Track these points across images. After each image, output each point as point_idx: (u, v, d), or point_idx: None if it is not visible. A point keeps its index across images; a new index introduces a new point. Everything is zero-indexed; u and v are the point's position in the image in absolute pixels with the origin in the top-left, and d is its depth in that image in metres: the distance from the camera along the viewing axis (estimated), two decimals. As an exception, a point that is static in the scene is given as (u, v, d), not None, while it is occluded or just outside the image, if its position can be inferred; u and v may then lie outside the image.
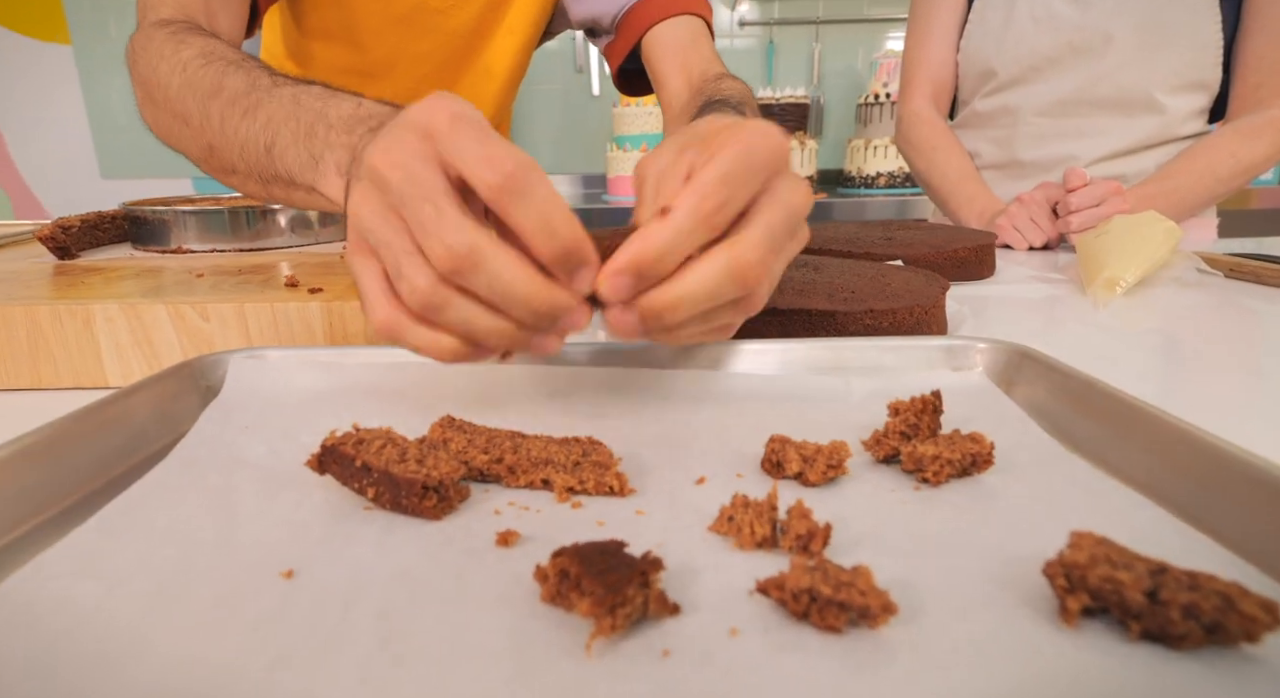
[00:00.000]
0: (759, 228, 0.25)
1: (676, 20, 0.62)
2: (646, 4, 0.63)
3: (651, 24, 0.62)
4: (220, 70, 0.40)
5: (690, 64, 0.61)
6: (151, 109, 0.43)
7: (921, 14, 0.93)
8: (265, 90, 0.38)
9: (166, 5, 0.48)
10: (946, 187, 0.88)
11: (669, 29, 0.62)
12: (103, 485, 0.25)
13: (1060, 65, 0.82)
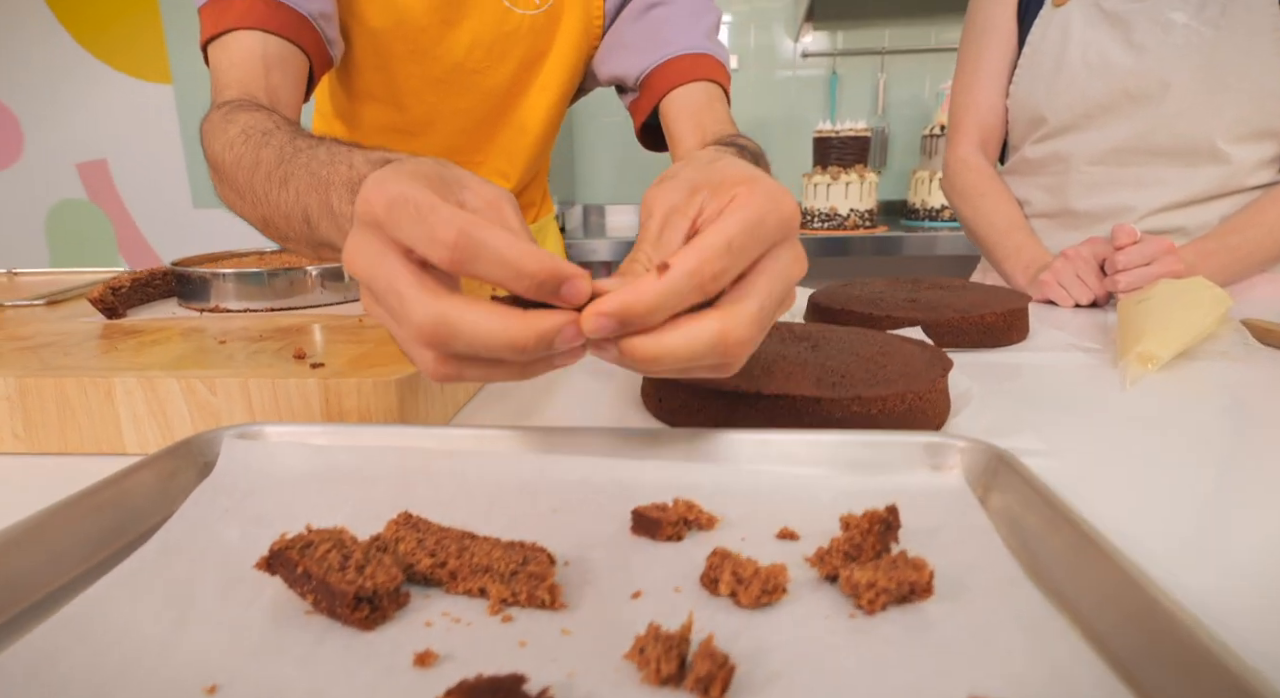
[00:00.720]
0: (753, 302, 0.25)
1: (694, 85, 0.63)
2: (667, 68, 0.64)
3: (670, 87, 0.63)
4: (258, 144, 0.43)
5: (704, 126, 0.62)
6: (218, 185, 0.47)
7: (969, 57, 0.91)
8: (289, 159, 0.41)
9: (230, 87, 0.52)
10: (993, 236, 0.85)
11: (686, 92, 0.63)
12: (94, 567, 0.28)
13: (1115, 112, 0.79)
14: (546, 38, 0.69)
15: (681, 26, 0.65)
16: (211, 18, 0.54)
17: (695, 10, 0.66)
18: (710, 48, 0.65)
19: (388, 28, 0.65)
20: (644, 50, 0.65)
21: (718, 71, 0.65)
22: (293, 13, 0.55)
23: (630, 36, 0.67)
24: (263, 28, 0.53)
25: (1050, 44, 0.83)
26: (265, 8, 0.53)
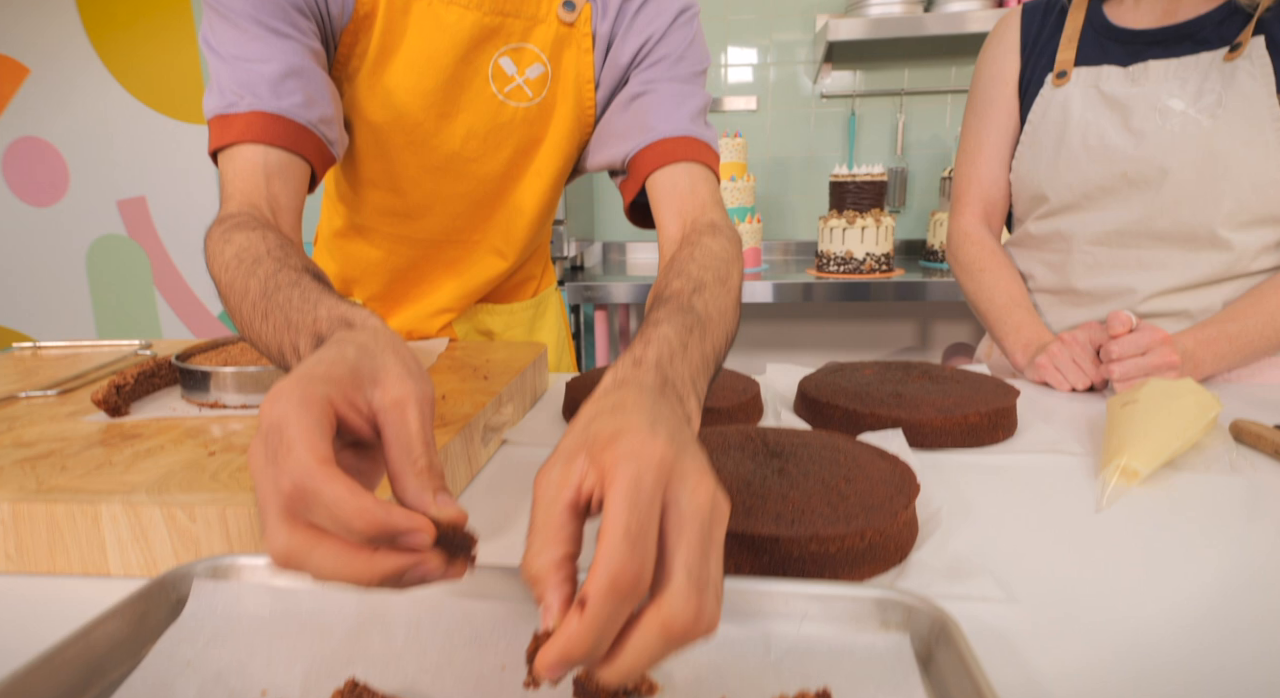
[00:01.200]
0: (680, 576, 0.25)
1: (677, 167, 0.64)
2: (651, 150, 0.65)
3: (654, 169, 0.64)
4: (247, 271, 0.45)
5: (685, 211, 0.63)
6: (220, 299, 0.49)
7: (972, 130, 0.91)
8: (270, 295, 0.42)
9: (233, 199, 0.54)
10: (994, 312, 0.84)
11: (670, 175, 0.64)
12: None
13: (1115, 195, 0.78)
14: (540, 127, 0.71)
15: (666, 111, 0.66)
16: (218, 131, 0.57)
17: (680, 96, 0.67)
18: (694, 130, 0.66)
19: (387, 122, 0.67)
20: (630, 136, 0.67)
21: (703, 153, 0.65)
22: (292, 124, 0.57)
23: (619, 125, 0.69)
24: (263, 141, 0.56)
25: (1050, 123, 0.82)
26: (266, 122, 0.56)
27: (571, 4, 0.67)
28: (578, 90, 0.69)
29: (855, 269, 1.85)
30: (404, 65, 0.65)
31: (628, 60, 0.68)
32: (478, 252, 0.78)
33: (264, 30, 0.58)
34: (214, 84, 0.58)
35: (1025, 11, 0.88)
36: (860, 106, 2.18)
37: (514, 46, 0.67)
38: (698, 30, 0.70)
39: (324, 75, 0.61)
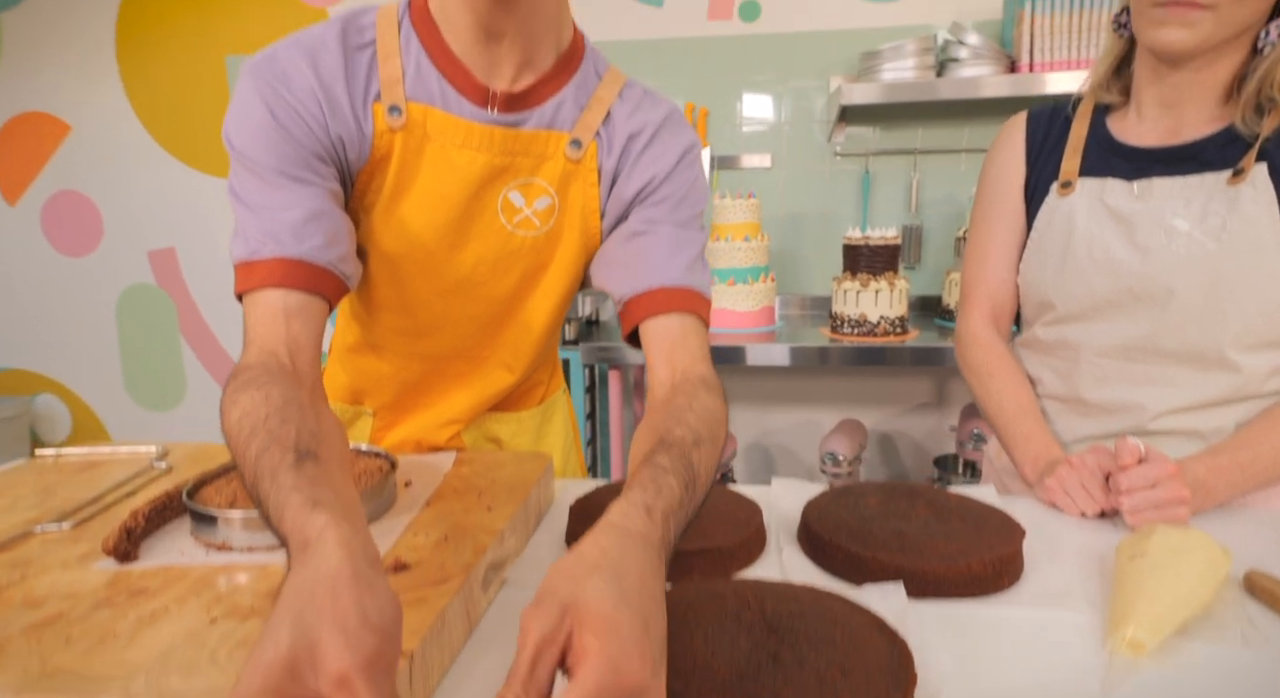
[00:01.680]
0: None
1: (670, 317, 0.65)
2: (648, 297, 0.66)
3: (647, 316, 0.65)
4: (244, 442, 0.46)
5: (675, 359, 0.64)
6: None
7: (979, 233, 0.91)
8: (255, 481, 0.44)
9: (253, 344, 0.56)
10: (1002, 419, 0.84)
11: (662, 324, 0.65)
12: None
13: (1122, 309, 0.78)
14: (548, 252, 0.72)
15: (661, 259, 0.67)
16: (243, 276, 0.59)
17: (678, 242, 0.68)
18: (689, 280, 0.67)
19: (401, 252, 0.69)
20: (626, 276, 0.68)
21: (696, 303, 0.67)
22: (312, 267, 0.59)
23: (619, 256, 0.70)
24: (284, 286, 0.58)
25: (1056, 232, 0.82)
26: (286, 267, 0.58)
27: (578, 142, 0.68)
28: (584, 219, 0.71)
29: (869, 332, 1.84)
30: (418, 201, 0.67)
31: (631, 196, 0.70)
32: (487, 366, 0.79)
33: (286, 180, 0.60)
34: (240, 231, 0.60)
35: (1031, 118, 0.89)
36: (874, 164, 2.19)
37: (523, 182, 0.68)
38: (699, 170, 0.72)
39: (342, 215, 0.64)
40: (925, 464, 2.29)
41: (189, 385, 2.63)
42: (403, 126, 0.65)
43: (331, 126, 0.62)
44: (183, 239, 2.52)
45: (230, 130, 0.61)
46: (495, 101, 0.66)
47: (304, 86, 0.61)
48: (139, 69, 2.41)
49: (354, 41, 0.64)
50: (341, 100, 0.63)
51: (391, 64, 0.64)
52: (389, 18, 0.66)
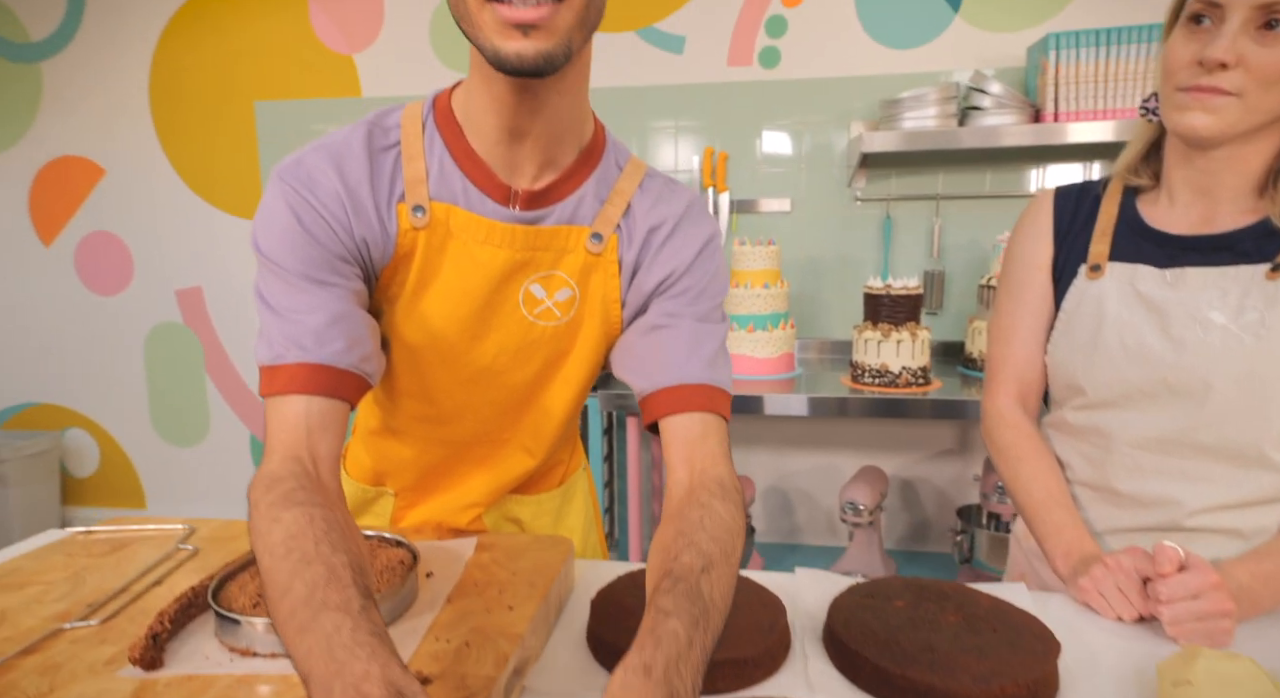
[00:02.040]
0: None
1: (690, 416, 0.65)
2: (668, 394, 0.66)
3: (667, 414, 0.65)
4: (292, 570, 0.46)
5: (695, 459, 0.64)
6: (261, 582, 0.50)
7: (1005, 310, 0.90)
8: (314, 612, 0.43)
9: (276, 451, 0.57)
10: (1032, 506, 0.82)
11: (683, 422, 0.65)
12: None
13: (1156, 400, 0.76)
14: (568, 341, 0.73)
15: (681, 355, 0.67)
16: (267, 380, 0.60)
17: (698, 337, 0.68)
18: (709, 377, 0.67)
19: (422, 343, 0.70)
20: (646, 370, 0.68)
21: (716, 401, 0.66)
22: (334, 372, 0.60)
23: (640, 349, 0.70)
24: (307, 392, 0.58)
25: (1085, 316, 0.81)
26: (309, 373, 0.59)
27: (599, 236, 0.69)
28: (605, 309, 0.71)
29: (891, 382, 1.82)
30: (440, 295, 0.68)
31: (651, 288, 0.70)
32: (507, 449, 0.80)
33: (310, 283, 0.61)
34: (264, 334, 0.61)
35: (1058, 196, 0.88)
36: (895, 209, 2.19)
37: (543, 275, 0.69)
38: (720, 260, 0.72)
39: (364, 315, 0.65)
40: (948, 513, 2.26)
41: (212, 422, 2.66)
42: (426, 225, 0.65)
43: (356, 229, 0.63)
44: (209, 279, 2.57)
45: (258, 234, 0.63)
46: (517, 200, 0.66)
47: (329, 191, 0.62)
48: (170, 114, 2.48)
49: (379, 144, 0.65)
50: (366, 203, 0.64)
51: (415, 165, 0.65)
52: (413, 118, 0.67)
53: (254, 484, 0.55)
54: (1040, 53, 1.92)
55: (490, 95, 0.61)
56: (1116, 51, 1.85)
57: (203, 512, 2.68)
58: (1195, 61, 0.71)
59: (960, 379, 1.97)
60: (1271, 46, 0.67)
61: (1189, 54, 0.71)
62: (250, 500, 0.54)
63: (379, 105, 2.02)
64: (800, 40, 2.16)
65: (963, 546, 1.96)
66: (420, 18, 2.30)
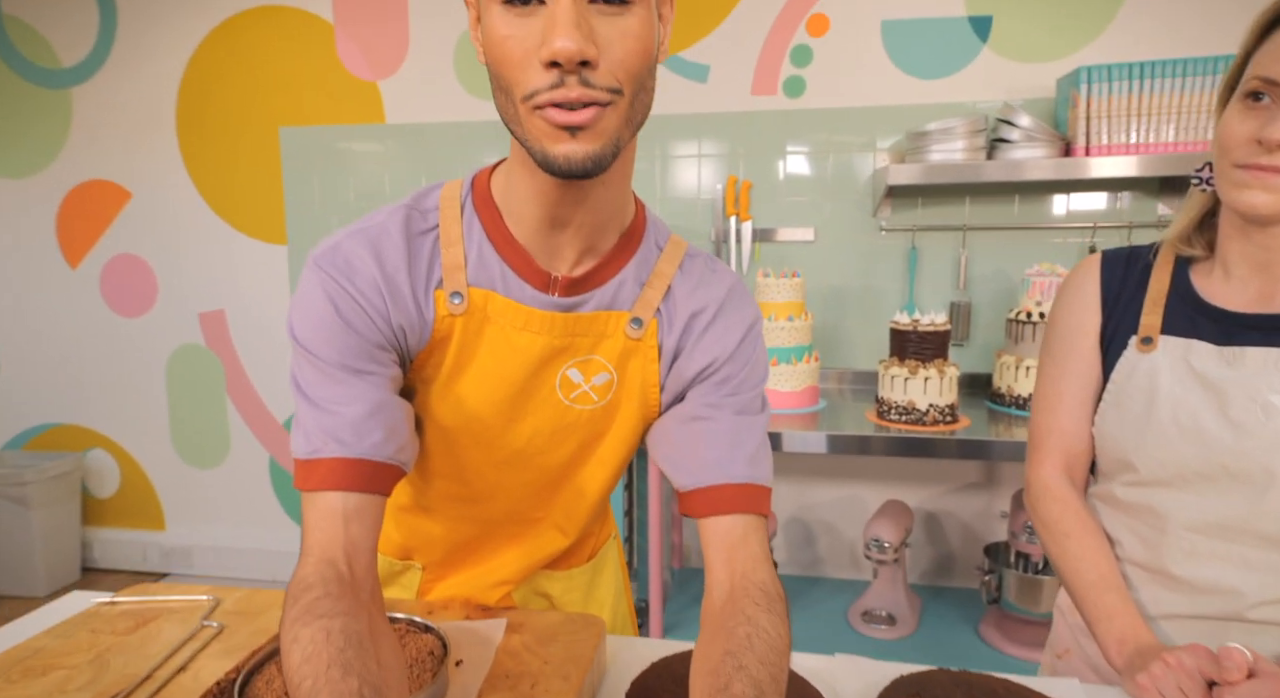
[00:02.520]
0: None
1: (732, 517, 0.63)
2: (708, 494, 0.64)
3: (708, 514, 0.63)
4: (310, 689, 0.45)
5: (734, 562, 0.62)
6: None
7: (1051, 378, 0.87)
8: None
9: (312, 551, 0.56)
10: (1081, 587, 0.79)
11: (724, 524, 0.63)
12: None
13: (1215, 484, 0.73)
14: (605, 423, 0.71)
15: (722, 451, 0.65)
16: (303, 474, 0.58)
17: (740, 431, 0.66)
18: (751, 474, 0.65)
19: (456, 425, 0.68)
20: (686, 464, 0.66)
21: (757, 501, 0.64)
22: (371, 465, 0.58)
23: (679, 439, 0.68)
24: (342, 488, 0.57)
25: (1137, 390, 0.78)
26: (345, 468, 0.57)
27: (639, 321, 0.67)
28: (643, 392, 0.69)
29: (918, 420, 1.79)
30: (476, 379, 0.66)
31: (692, 375, 0.68)
32: (539, 527, 0.78)
33: (347, 373, 0.60)
34: (300, 426, 0.60)
35: (1105, 262, 0.85)
36: (921, 239, 2.16)
37: (581, 359, 0.67)
38: (761, 346, 0.70)
39: (401, 403, 0.63)
40: (974, 550, 2.22)
41: (233, 445, 2.67)
42: (464, 311, 0.64)
43: (393, 316, 0.62)
44: (232, 302, 2.58)
45: (294, 322, 0.62)
46: (556, 286, 0.65)
47: (367, 278, 0.61)
48: (196, 139, 2.50)
49: (417, 227, 0.64)
50: (404, 289, 0.62)
51: (454, 251, 0.64)
52: (452, 201, 0.65)
53: (288, 590, 0.54)
54: (1071, 85, 1.88)
55: (533, 188, 0.60)
56: (1149, 85, 1.81)
57: (221, 534, 2.69)
58: (1254, 139, 0.68)
59: (987, 413, 1.94)
60: (1337, 127, 0.65)
61: (1247, 131, 0.69)
62: (283, 608, 0.53)
63: (402, 132, 2.06)
64: (825, 70, 2.14)
65: (990, 585, 1.92)
66: (445, 46, 2.31)
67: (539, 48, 0.51)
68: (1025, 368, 1.89)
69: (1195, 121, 1.83)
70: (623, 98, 0.53)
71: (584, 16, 0.50)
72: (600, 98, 0.52)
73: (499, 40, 0.52)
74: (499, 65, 0.53)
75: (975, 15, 2.06)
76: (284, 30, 2.38)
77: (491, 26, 0.53)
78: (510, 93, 0.54)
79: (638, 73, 0.54)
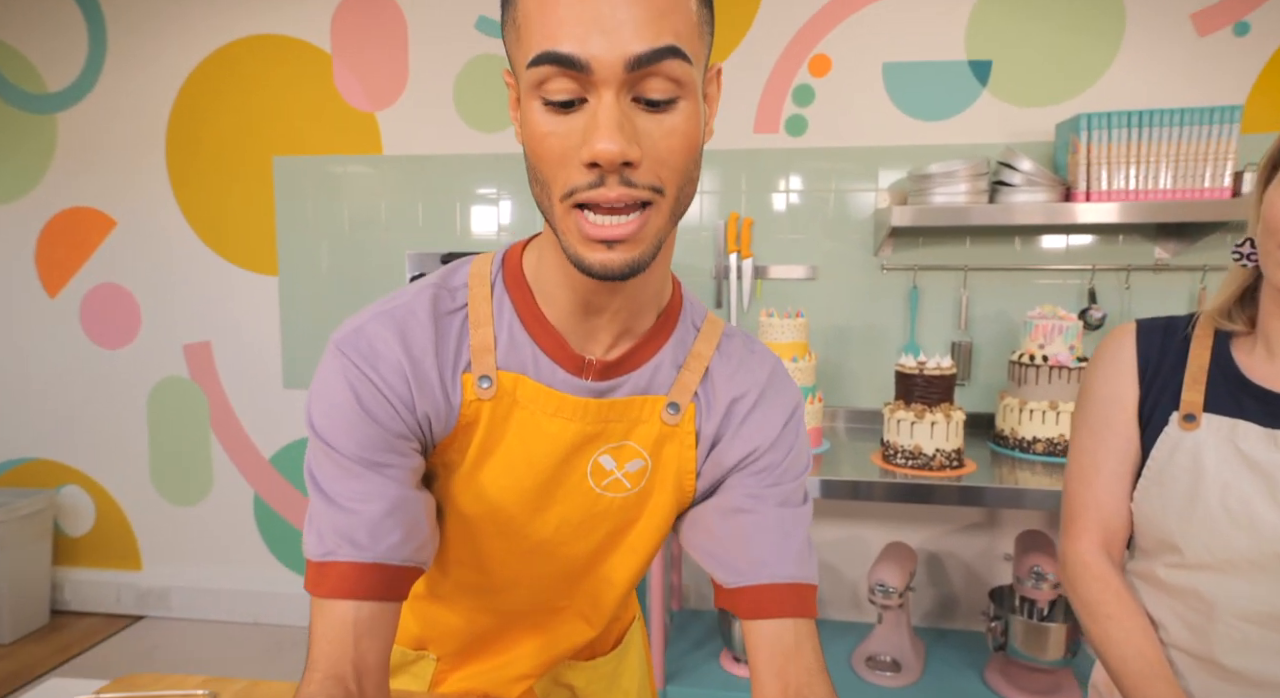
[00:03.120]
0: None
1: (784, 622, 0.60)
2: (756, 593, 0.60)
3: (758, 616, 0.60)
4: None
5: (788, 673, 0.58)
6: None
7: (1087, 450, 0.85)
8: None
9: (318, 663, 0.52)
10: (1128, 675, 0.77)
11: (774, 630, 0.60)
12: None
13: (1266, 572, 0.71)
14: (636, 511, 0.68)
15: (769, 548, 0.62)
16: (314, 577, 0.55)
17: (786, 524, 0.63)
18: (800, 573, 0.61)
19: (480, 514, 0.65)
20: (731, 561, 0.63)
21: (807, 601, 0.61)
22: (386, 570, 0.55)
23: (720, 531, 0.64)
24: (355, 597, 0.53)
25: (1180, 469, 0.77)
26: (359, 575, 0.54)
27: (676, 406, 0.64)
28: (678, 480, 0.66)
29: (925, 465, 1.78)
30: (502, 466, 0.63)
31: (732, 464, 0.65)
32: (563, 617, 0.74)
33: (366, 467, 0.56)
34: (314, 523, 0.56)
35: (1141, 332, 0.84)
36: (922, 279, 2.16)
37: (614, 445, 0.64)
38: (803, 432, 0.67)
39: (422, 496, 0.60)
40: (979, 594, 2.20)
41: (216, 481, 2.59)
42: (493, 396, 0.61)
43: (419, 405, 0.59)
44: (219, 333, 2.51)
45: (312, 410, 0.58)
46: (590, 370, 0.62)
47: (392, 365, 0.58)
48: (186, 167, 2.45)
49: (444, 307, 0.61)
50: (430, 375, 0.59)
51: (483, 332, 0.61)
52: (481, 278, 0.62)
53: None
54: (1071, 130, 1.90)
55: (565, 275, 0.57)
56: (1147, 134, 1.84)
57: (201, 575, 2.60)
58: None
59: (990, 455, 1.93)
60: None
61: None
62: None
63: (400, 163, 2.02)
64: (827, 109, 2.15)
65: (996, 631, 1.90)
66: (444, 78, 2.29)
67: (579, 147, 0.48)
68: (1029, 411, 1.89)
69: (1191, 169, 1.85)
70: (664, 197, 0.51)
71: (627, 116, 0.48)
72: (641, 197, 0.50)
73: (539, 137, 0.50)
74: (538, 160, 0.51)
75: (975, 59, 2.08)
76: (280, 59, 2.35)
77: (532, 121, 0.50)
78: (548, 188, 0.51)
79: (682, 169, 0.52)
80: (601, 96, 0.47)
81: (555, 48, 0.47)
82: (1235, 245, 0.78)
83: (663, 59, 0.47)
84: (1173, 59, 1.99)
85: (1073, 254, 2.11)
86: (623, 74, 0.47)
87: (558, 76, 0.48)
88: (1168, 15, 1.98)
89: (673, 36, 0.48)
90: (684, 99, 0.50)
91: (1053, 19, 2.02)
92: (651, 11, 0.47)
